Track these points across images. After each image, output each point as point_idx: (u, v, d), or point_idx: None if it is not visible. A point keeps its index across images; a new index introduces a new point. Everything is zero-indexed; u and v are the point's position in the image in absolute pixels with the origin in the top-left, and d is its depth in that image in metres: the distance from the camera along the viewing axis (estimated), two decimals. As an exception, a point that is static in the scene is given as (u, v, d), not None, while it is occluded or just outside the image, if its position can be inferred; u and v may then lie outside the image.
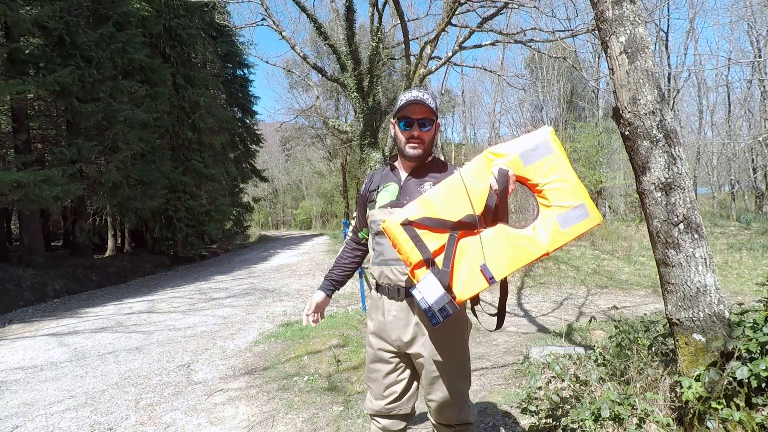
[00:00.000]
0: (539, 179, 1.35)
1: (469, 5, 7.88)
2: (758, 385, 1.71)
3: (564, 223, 1.34)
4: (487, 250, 1.32)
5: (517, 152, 1.36)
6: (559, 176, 1.35)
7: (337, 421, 2.77)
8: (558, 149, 1.37)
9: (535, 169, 1.35)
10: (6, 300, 7.26)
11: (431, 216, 1.33)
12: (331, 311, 5.98)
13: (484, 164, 1.37)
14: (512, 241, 1.34)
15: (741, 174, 22.38)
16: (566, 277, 8.05)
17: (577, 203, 1.34)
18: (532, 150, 1.36)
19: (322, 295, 1.80)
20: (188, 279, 10.03)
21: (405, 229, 1.32)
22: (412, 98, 1.54)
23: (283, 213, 44.15)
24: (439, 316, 1.29)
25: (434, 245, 1.33)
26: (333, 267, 1.87)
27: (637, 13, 1.92)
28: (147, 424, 2.87)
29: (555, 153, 1.36)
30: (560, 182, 1.35)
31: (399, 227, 1.33)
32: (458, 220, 1.32)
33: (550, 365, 2.47)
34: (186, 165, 14.07)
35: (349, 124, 11.89)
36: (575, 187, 1.36)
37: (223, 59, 18.98)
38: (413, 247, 1.32)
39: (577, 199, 1.35)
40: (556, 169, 1.35)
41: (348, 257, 1.86)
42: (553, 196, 1.35)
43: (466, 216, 1.33)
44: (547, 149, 1.36)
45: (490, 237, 1.34)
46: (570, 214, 1.34)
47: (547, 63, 22.66)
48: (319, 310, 1.81)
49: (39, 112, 10.16)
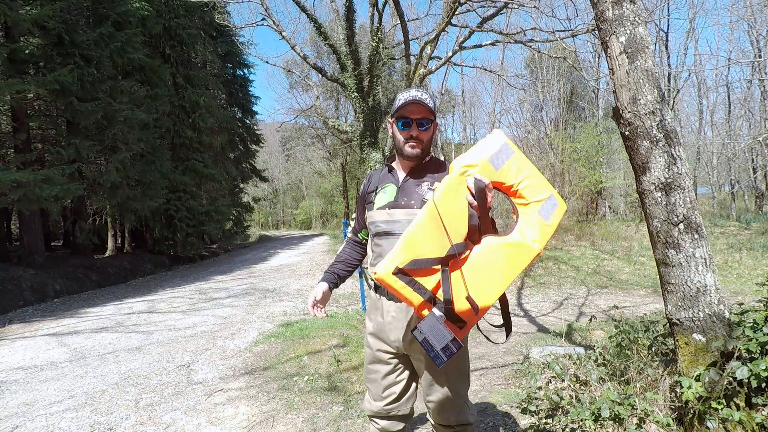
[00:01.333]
0: (512, 180, 1.38)
1: (469, 5, 7.87)
2: (758, 385, 1.71)
3: (546, 215, 1.37)
4: (476, 273, 1.32)
5: (486, 158, 1.36)
6: (527, 173, 1.38)
7: (337, 421, 2.77)
8: (516, 149, 1.40)
9: (506, 172, 1.37)
10: (6, 300, 7.26)
11: (418, 258, 1.32)
12: (331, 311, 5.98)
13: (456, 181, 1.35)
14: (503, 252, 1.34)
15: (741, 174, 22.38)
16: (566, 277, 8.05)
17: (548, 194, 1.38)
18: (498, 153, 1.37)
19: (325, 285, 1.74)
20: (188, 279, 10.03)
21: (398, 278, 1.31)
22: (411, 98, 1.53)
23: (283, 213, 44.15)
24: (443, 356, 1.26)
25: (431, 283, 1.32)
26: (335, 262, 1.84)
27: (637, 13, 1.91)
28: (147, 424, 2.87)
29: (516, 152, 1.38)
30: (529, 179, 1.38)
31: (392, 277, 1.31)
32: (445, 255, 1.31)
33: (550, 365, 2.47)
34: (186, 165, 14.07)
35: (349, 124, 11.89)
36: (541, 180, 1.40)
37: (223, 59, 18.98)
38: (412, 292, 1.31)
39: (547, 190, 1.39)
40: (522, 167, 1.38)
41: (349, 254, 1.84)
42: (528, 193, 1.38)
43: (451, 249, 1.32)
44: (509, 150, 1.38)
45: (479, 255, 1.34)
46: (547, 206, 1.37)
47: (547, 63, 22.63)
48: (324, 301, 1.75)
49: (39, 112, 10.16)
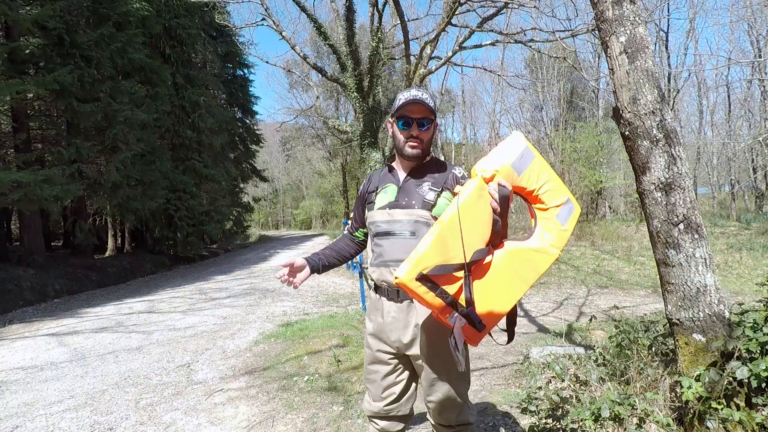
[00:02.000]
0: (533, 185, 1.36)
1: (469, 5, 7.87)
2: (758, 385, 1.71)
3: (563, 220, 1.36)
4: (498, 278, 1.32)
5: (508, 163, 1.34)
6: (546, 177, 1.37)
7: (337, 421, 2.77)
8: (536, 152, 1.38)
9: (527, 177, 1.35)
10: (6, 300, 7.25)
11: (442, 264, 1.29)
12: (331, 311, 5.98)
13: (480, 186, 1.33)
14: (525, 257, 1.34)
15: (741, 174, 22.38)
16: (566, 277, 8.05)
17: (565, 198, 1.37)
18: (520, 158, 1.35)
19: (303, 260, 1.68)
20: (188, 279, 10.03)
21: (422, 283, 1.28)
22: (411, 98, 1.53)
23: (283, 213, 44.15)
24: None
25: (453, 288, 1.31)
26: (325, 248, 1.81)
27: (637, 13, 1.91)
28: (147, 424, 2.87)
29: (536, 156, 1.36)
30: (549, 183, 1.37)
31: (415, 283, 1.28)
32: (469, 260, 1.29)
33: (550, 365, 2.47)
34: (186, 165, 14.07)
35: (349, 124, 11.88)
36: (560, 184, 1.38)
37: (223, 59, 18.97)
38: (434, 296, 1.29)
39: (564, 194, 1.37)
40: (542, 171, 1.36)
41: (342, 247, 1.82)
42: (548, 198, 1.36)
43: (474, 254, 1.30)
44: (530, 154, 1.36)
45: (502, 260, 1.33)
46: (564, 210, 1.37)
47: (547, 63, 22.64)
48: (294, 272, 1.65)
49: (39, 112, 10.16)
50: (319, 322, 5.15)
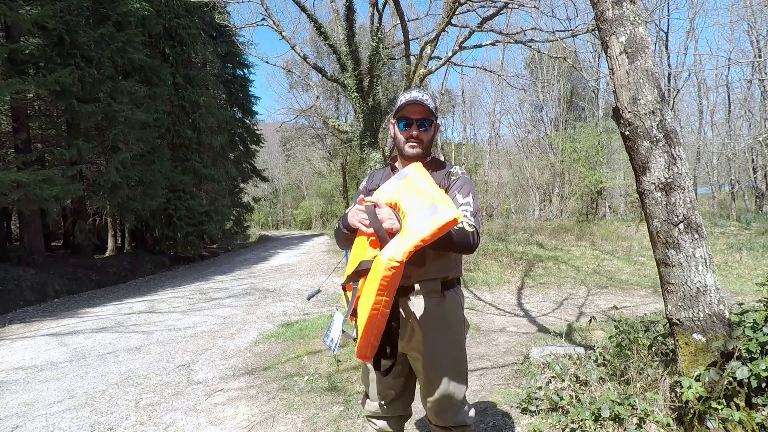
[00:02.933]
0: (394, 200, 1.43)
1: (469, 5, 7.86)
2: (758, 385, 1.71)
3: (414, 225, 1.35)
4: (366, 287, 1.39)
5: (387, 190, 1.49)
6: (410, 193, 1.42)
7: (337, 421, 2.77)
8: (413, 176, 1.44)
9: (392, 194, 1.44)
10: (6, 300, 7.25)
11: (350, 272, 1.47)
12: (331, 311, 5.98)
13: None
14: (375, 266, 1.34)
15: (741, 174, 22.39)
16: (566, 277, 8.06)
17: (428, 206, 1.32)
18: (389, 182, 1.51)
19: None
20: (188, 279, 10.03)
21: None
22: (411, 98, 1.54)
23: (283, 213, 44.15)
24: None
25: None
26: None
27: (637, 13, 1.92)
28: (147, 424, 2.87)
29: (408, 178, 1.45)
30: (413, 197, 1.41)
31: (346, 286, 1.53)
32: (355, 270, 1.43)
33: (550, 365, 2.47)
34: (186, 165, 14.07)
35: (349, 124, 11.88)
36: (427, 196, 1.41)
37: (223, 59, 18.97)
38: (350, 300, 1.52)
39: (429, 203, 1.33)
40: (404, 189, 1.43)
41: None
42: (405, 207, 1.39)
43: (361, 263, 1.41)
44: (401, 176, 1.47)
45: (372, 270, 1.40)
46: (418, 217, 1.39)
47: (547, 63, 22.65)
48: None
49: (39, 112, 10.16)
50: (319, 322, 5.15)
